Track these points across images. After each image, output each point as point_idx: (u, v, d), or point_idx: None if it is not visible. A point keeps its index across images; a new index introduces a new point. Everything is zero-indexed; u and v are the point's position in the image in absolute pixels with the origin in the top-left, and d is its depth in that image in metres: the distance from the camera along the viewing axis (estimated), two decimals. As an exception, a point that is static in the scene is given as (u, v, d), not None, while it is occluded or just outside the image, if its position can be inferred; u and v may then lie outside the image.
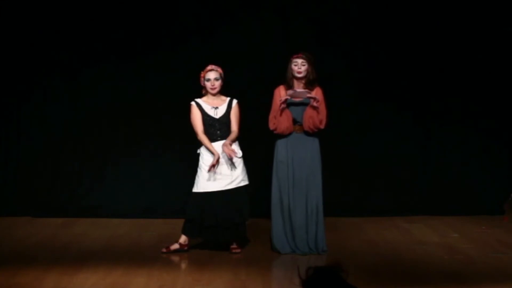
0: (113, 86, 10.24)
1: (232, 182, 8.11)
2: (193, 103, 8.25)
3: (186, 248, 8.19)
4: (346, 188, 10.25)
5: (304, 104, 8.14)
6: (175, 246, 8.18)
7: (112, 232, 9.21)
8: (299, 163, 8.12)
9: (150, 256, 8.00)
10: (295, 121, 8.17)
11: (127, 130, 10.27)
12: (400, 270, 7.50)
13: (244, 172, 8.19)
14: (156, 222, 9.77)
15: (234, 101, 8.29)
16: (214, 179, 8.09)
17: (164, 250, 8.16)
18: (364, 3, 10.36)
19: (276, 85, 8.26)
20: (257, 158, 9.33)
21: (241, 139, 8.35)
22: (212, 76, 8.19)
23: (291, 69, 8.16)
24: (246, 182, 8.20)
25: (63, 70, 10.26)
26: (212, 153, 8.08)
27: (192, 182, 10.09)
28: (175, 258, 7.96)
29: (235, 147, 8.17)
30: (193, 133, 10.14)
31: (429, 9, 10.33)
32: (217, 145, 8.15)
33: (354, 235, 9.10)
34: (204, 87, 8.25)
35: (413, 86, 10.40)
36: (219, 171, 8.10)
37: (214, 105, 8.22)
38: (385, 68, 10.37)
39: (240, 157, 8.16)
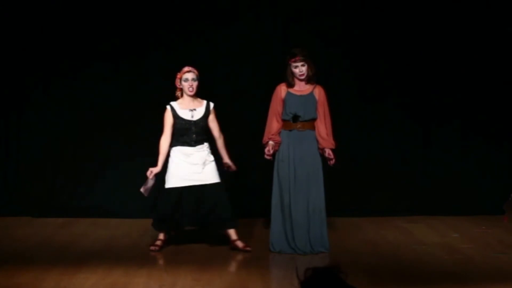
0: (113, 87, 10.24)
1: (203, 179, 8.11)
2: (167, 106, 8.25)
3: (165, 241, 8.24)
4: (346, 188, 10.24)
5: (305, 97, 8.14)
6: (160, 242, 8.21)
7: (112, 232, 9.21)
8: (300, 161, 8.11)
9: (150, 256, 8.00)
10: (296, 117, 8.16)
11: (127, 130, 10.27)
12: (400, 270, 7.51)
13: (215, 171, 8.19)
14: (156, 222, 9.75)
15: (212, 105, 8.30)
16: (187, 175, 8.11)
17: (153, 248, 8.17)
18: (363, 3, 10.35)
19: (275, 84, 8.28)
20: (257, 157, 9.31)
21: (241, 139, 8.36)
22: (190, 76, 8.21)
23: (293, 72, 8.16)
24: (216, 180, 8.19)
25: (63, 71, 10.26)
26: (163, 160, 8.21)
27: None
28: (175, 258, 7.95)
29: (207, 150, 8.18)
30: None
31: (429, 9, 10.32)
32: (192, 150, 8.16)
33: (354, 235, 9.10)
34: (180, 90, 8.24)
35: (413, 86, 10.40)
36: (193, 170, 8.10)
37: (191, 107, 8.21)
38: (385, 68, 10.37)
39: (212, 160, 8.20)
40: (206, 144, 8.24)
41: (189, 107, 8.22)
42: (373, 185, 10.36)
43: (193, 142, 8.18)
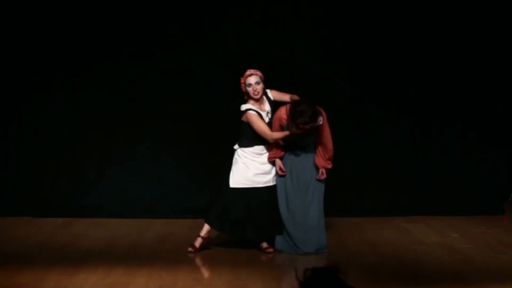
0: (113, 87, 10.24)
1: (271, 179, 8.14)
2: (251, 111, 8.07)
3: (207, 240, 8.19)
4: (346, 188, 10.23)
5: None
6: (199, 241, 8.16)
7: (112, 232, 9.21)
8: (299, 169, 8.11)
9: (150, 256, 8.00)
10: (295, 143, 8.15)
11: (127, 130, 10.27)
12: (400, 270, 7.51)
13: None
14: (156, 222, 9.76)
15: (269, 91, 8.25)
16: (256, 177, 8.08)
17: (190, 249, 8.13)
18: (364, 4, 10.35)
19: (275, 85, 8.28)
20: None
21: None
22: (252, 80, 8.11)
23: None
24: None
25: (63, 71, 10.25)
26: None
27: (192, 182, 10.15)
28: (175, 258, 7.95)
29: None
30: (191, 133, 10.19)
31: (430, 9, 10.32)
32: (263, 147, 8.13)
33: (354, 235, 9.09)
34: (246, 93, 8.18)
35: (413, 86, 10.39)
36: (262, 169, 8.09)
37: (264, 110, 8.17)
38: (385, 68, 10.36)
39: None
40: None
41: (263, 110, 8.16)
42: (373, 185, 10.35)
43: (267, 141, 8.12)
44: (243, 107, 8.16)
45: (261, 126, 8.05)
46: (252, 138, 8.13)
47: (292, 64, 10.01)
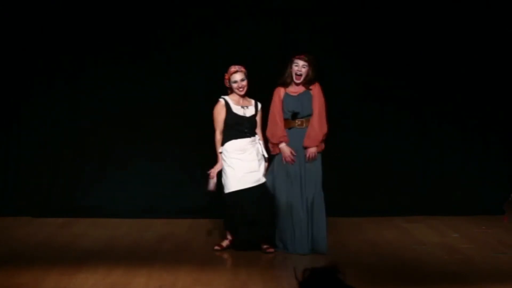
0: (113, 87, 10.24)
1: (260, 178, 8.11)
2: (221, 100, 8.14)
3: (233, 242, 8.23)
4: (346, 188, 10.24)
5: (301, 95, 8.11)
6: (226, 242, 8.20)
7: (112, 232, 9.21)
8: (298, 160, 8.09)
9: (150, 256, 8.00)
10: (295, 114, 8.13)
11: (127, 130, 10.27)
12: (400, 270, 7.51)
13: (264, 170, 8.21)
14: (156, 222, 9.77)
15: (259, 105, 8.27)
16: (245, 177, 8.04)
17: (217, 247, 8.17)
18: (364, 4, 10.35)
19: (274, 85, 8.27)
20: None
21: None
22: (238, 77, 8.13)
23: (291, 69, 8.15)
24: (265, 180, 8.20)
25: (63, 71, 10.26)
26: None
27: (192, 182, 10.14)
28: (175, 258, 7.95)
29: (260, 144, 8.17)
30: (191, 133, 10.19)
31: (430, 9, 10.33)
32: (245, 142, 8.10)
33: (354, 235, 9.09)
34: (230, 88, 8.19)
35: (413, 86, 10.40)
36: (250, 168, 8.06)
37: (243, 105, 8.18)
38: (385, 68, 10.37)
39: (266, 158, 8.20)
40: (257, 137, 8.20)
41: (241, 104, 8.18)
42: (373, 185, 10.36)
43: (247, 134, 8.10)
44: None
45: (217, 117, 8.13)
46: (227, 131, 8.13)
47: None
